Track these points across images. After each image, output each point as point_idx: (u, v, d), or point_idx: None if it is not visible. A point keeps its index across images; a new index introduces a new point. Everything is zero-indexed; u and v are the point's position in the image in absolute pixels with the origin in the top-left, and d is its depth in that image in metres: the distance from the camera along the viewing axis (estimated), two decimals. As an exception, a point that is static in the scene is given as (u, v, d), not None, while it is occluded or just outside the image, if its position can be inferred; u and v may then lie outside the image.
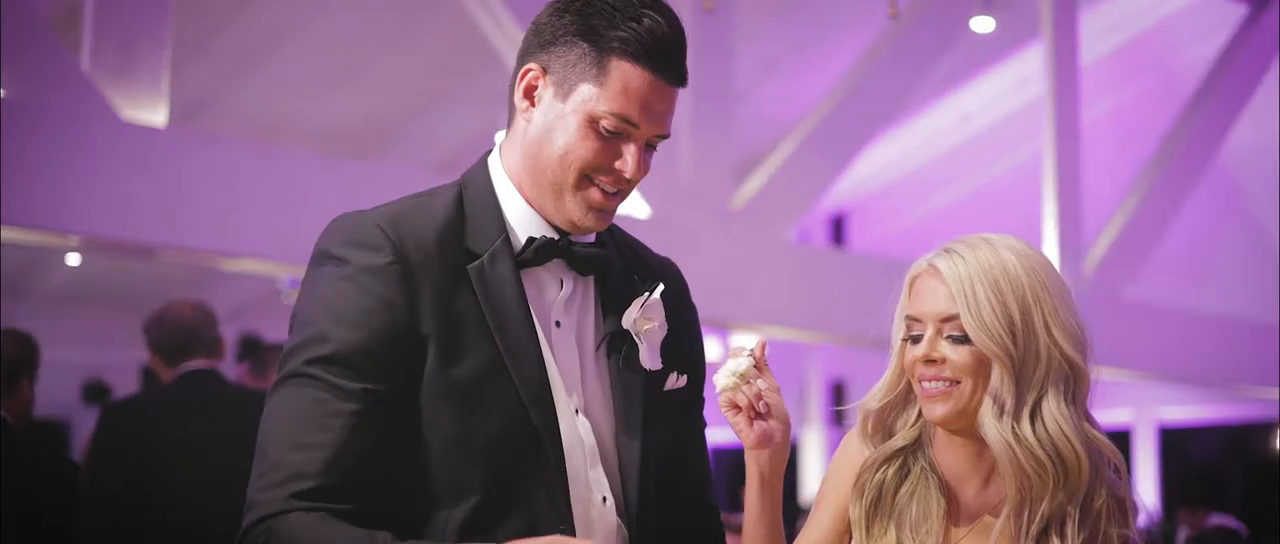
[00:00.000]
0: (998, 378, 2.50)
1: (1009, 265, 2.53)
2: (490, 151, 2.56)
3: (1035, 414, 2.49)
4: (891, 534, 2.61)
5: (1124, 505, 2.55)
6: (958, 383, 2.53)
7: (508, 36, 8.55)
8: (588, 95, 2.39)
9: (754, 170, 9.54)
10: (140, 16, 7.55)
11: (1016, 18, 12.14)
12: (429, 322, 2.35)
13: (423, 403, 2.35)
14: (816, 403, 16.03)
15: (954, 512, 2.61)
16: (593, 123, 2.40)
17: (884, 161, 15.56)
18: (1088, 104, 11.84)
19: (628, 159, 2.42)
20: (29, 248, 10.48)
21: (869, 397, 2.71)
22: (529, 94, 2.45)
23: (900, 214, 16.34)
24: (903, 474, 2.64)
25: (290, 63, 11.82)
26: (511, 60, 8.52)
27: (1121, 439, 15.04)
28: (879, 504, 2.63)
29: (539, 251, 2.45)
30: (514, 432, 2.36)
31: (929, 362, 2.54)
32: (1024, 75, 14.03)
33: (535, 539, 2.20)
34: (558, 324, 2.49)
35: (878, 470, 2.65)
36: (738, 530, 4.96)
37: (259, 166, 7.69)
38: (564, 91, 2.41)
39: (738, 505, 13.63)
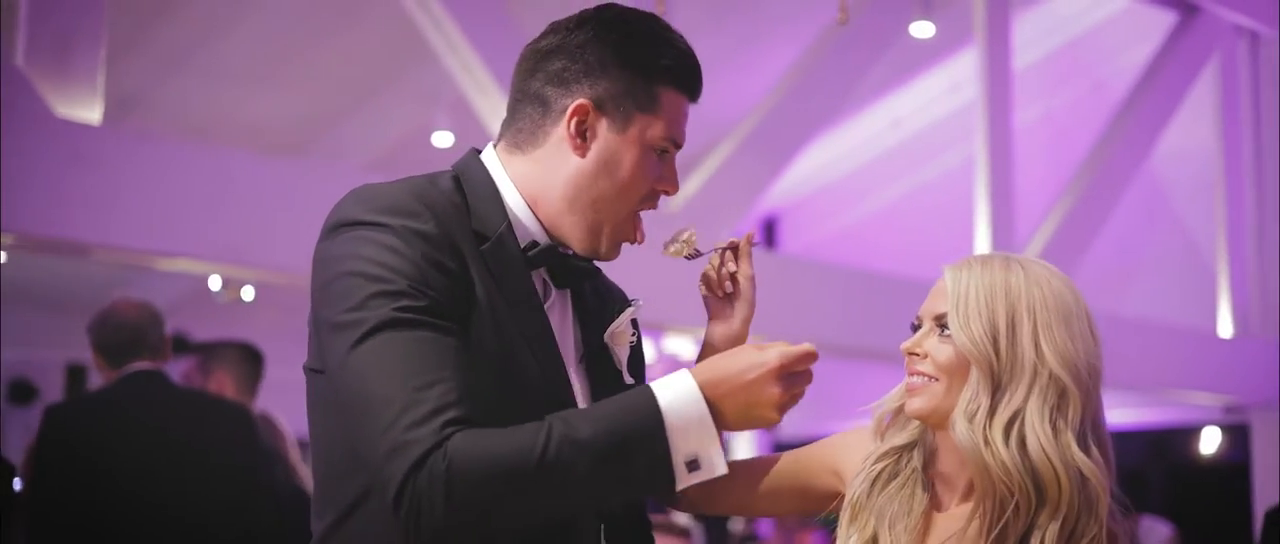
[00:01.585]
0: (974, 380, 2.52)
1: (1013, 278, 2.56)
2: (479, 151, 2.57)
3: (1012, 426, 2.50)
4: (871, 526, 2.65)
5: (1114, 538, 2.56)
6: (936, 380, 2.57)
7: (445, 36, 8.52)
8: (645, 125, 2.47)
9: (691, 172, 9.55)
10: (75, 12, 7.47)
11: (949, 23, 12.20)
12: (475, 287, 2.35)
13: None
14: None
15: (935, 515, 2.64)
16: (650, 150, 2.48)
17: (817, 165, 15.60)
18: (1019, 109, 11.90)
19: (670, 176, 2.54)
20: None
21: (885, 398, 2.76)
22: (581, 129, 2.46)
23: (833, 217, 16.40)
24: (895, 472, 2.68)
25: (222, 60, 11.74)
26: (449, 59, 8.59)
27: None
28: (869, 495, 2.67)
29: (537, 255, 2.47)
30: (534, 408, 2.31)
31: (912, 354, 2.60)
32: (956, 80, 14.11)
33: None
34: None
35: (876, 462, 2.69)
36: (666, 530, 4.99)
37: (192, 165, 7.63)
38: (620, 124, 2.46)
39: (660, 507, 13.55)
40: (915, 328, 2.64)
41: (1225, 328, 12.96)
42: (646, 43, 2.48)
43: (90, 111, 7.38)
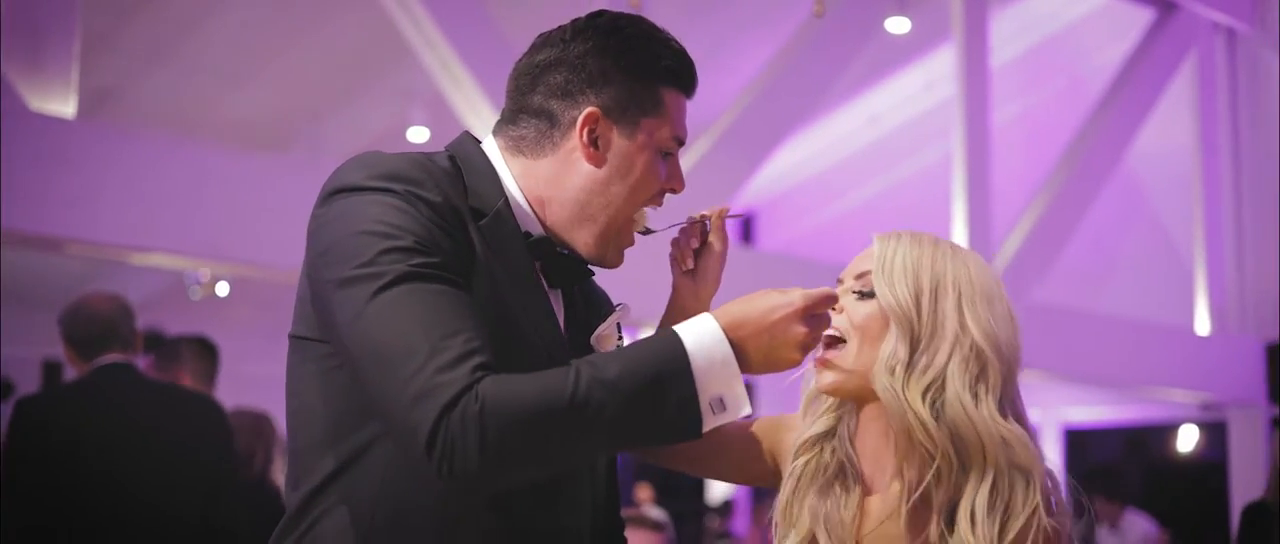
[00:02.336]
0: (893, 336, 2.53)
1: (941, 254, 2.58)
2: (470, 136, 2.55)
3: (932, 389, 2.51)
4: (806, 525, 2.63)
5: (1058, 502, 2.54)
6: (843, 343, 2.57)
7: (423, 33, 8.51)
8: (653, 128, 2.47)
9: (668, 168, 9.53)
10: (49, 7, 7.45)
11: (927, 19, 12.21)
12: (477, 259, 2.35)
13: None
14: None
15: (868, 501, 2.62)
16: (659, 152, 2.48)
17: (794, 161, 15.61)
18: (997, 106, 11.91)
19: (676, 174, 2.54)
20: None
21: (804, 378, 2.73)
22: (593, 139, 2.46)
23: (810, 214, 16.40)
24: (821, 467, 2.66)
25: (200, 55, 11.72)
26: (427, 57, 8.56)
27: (1026, 440, 15.16)
28: (797, 495, 2.66)
29: (533, 244, 2.47)
30: None
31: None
32: (933, 77, 14.12)
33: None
34: None
35: (798, 459, 2.69)
36: (640, 524, 4.96)
37: (168, 160, 7.61)
38: (629, 129, 2.46)
39: (628, 501, 13.51)
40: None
41: (1202, 325, 12.99)
42: (645, 46, 2.50)
43: (64, 106, 7.35)
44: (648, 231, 2.60)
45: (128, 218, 7.37)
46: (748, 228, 16.98)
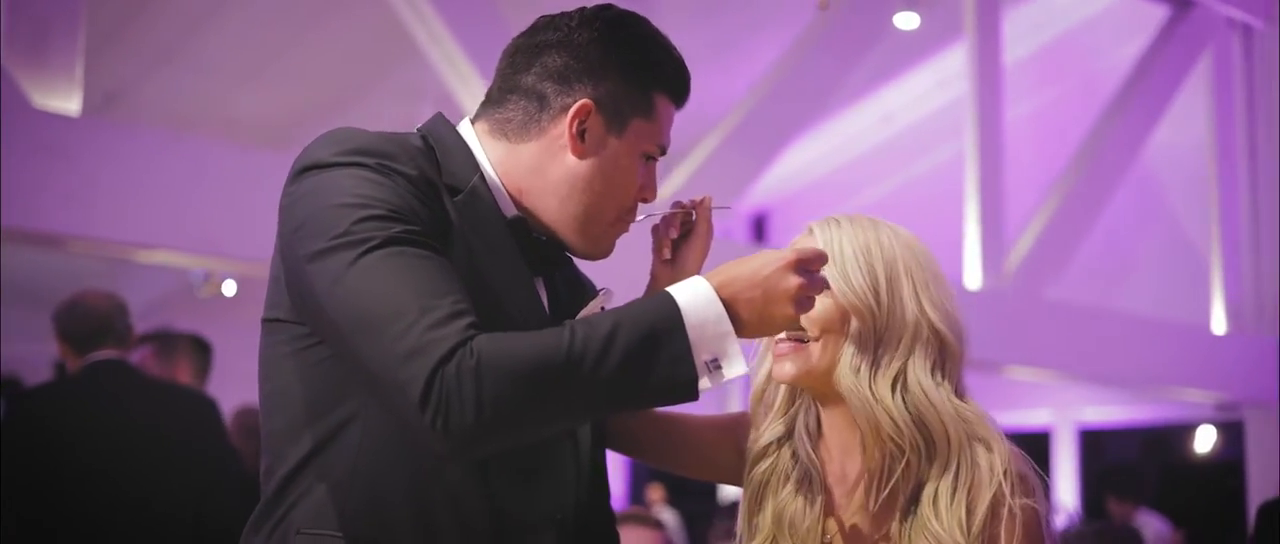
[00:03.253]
0: (856, 333, 2.49)
1: (883, 236, 2.56)
2: (443, 117, 2.52)
3: (898, 380, 2.48)
4: (767, 530, 2.59)
5: (1025, 477, 2.50)
6: (812, 340, 2.52)
7: (430, 31, 8.47)
8: (642, 131, 2.46)
9: (676, 167, 9.49)
10: (53, 2, 7.42)
11: (939, 17, 12.15)
12: (454, 232, 2.32)
13: None
14: (739, 401, 15.99)
15: (833, 501, 2.57)
16: (641, 156, 2.48)
17: (806, 160, 15.57)
18: (1010, 104, 11.85)
19: (651, 182, 2.54)
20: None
21: (750, 376, 2.70)
22: (581, 130, 2.44)
23: (822, 212, 16.22)
24: (783, 472, 2.62)
25: (209, 54, 11.72)
26: (434, 55, 8.51)
27: (1041, 441, 15.11)
28: (759, 502, 2.63)
29: (510, 226, 2.43)
30: None
31: None
32: (946, 75, 14.06)
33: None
34: None
35: (754, 466, 2.65)
36: (641, 522, 4.92)
37: (173, 156, 7.57)
38: (618, 128, 2.45)
39: (640, 502, 13.48)
40: None
41: (1219, 324, 12.90)
42: (648, 48, 2.49)
43: (69, 102, 7.31)
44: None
45: (131, 214, 7.34)
46: (760, 227, 16.94)
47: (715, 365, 2.19)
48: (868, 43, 10.49)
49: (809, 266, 2.27)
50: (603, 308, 2.54)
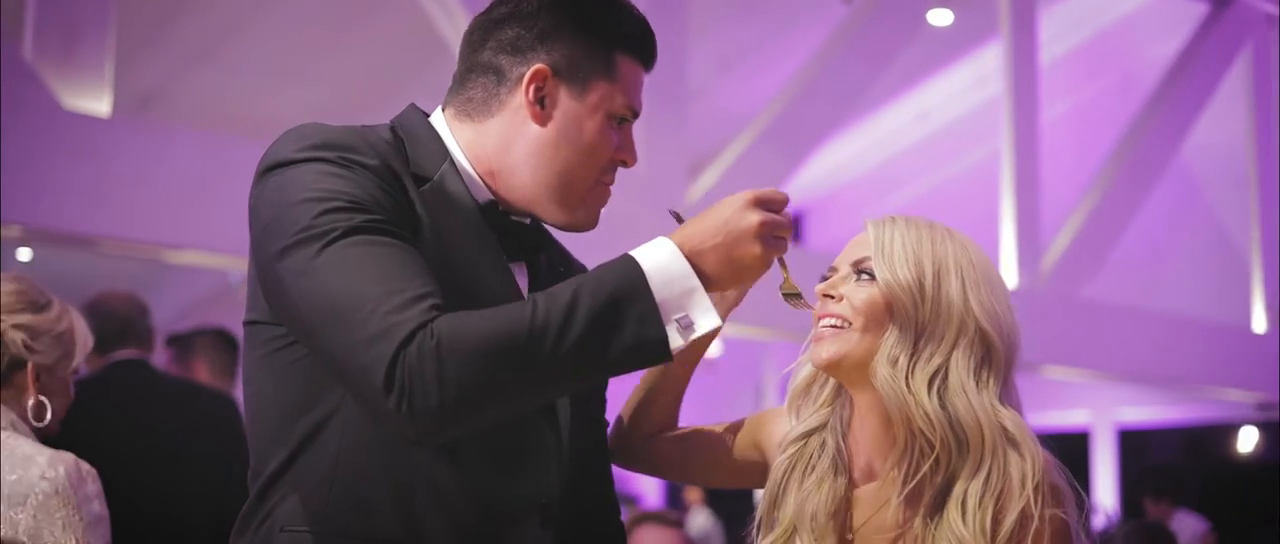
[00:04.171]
0: (897, 324, 2.45)
1: (937, 234, 2.50)
2: (415, 107, 2.50)
3: (936, 376, 2.43)
4: (788, 518, 2.55)
5: (1057, 489, 2.44)
6: (849, 325, 2.47)
7: (459, 31, 8.47)
8: (605, 92, 2.39)
9: (708, 167, 9.47)
10: (83, 4, 7.44)
11: (975, 14, 12.10)
12: (421, 223, 2.29)
13: None
14: (773, 400, 15.95)
15: (857, 494, 2.53)
16: (610, 118, 2.41)
17: (842, 160, 15.53)
18: (1047, 103, 11.80)
19: (629, 146, 2.45)
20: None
21: (798, 362, 2.66)
22: (540, 97, 2.39)
23: (859, 212, 16.22)
24: (809, 463, 2.57)
25: (243, 55, 11.75)
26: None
27: (1080, 441, 15.04)
28: (784, 490, 2.58)
29: (482, 211, 2.40)
30: None
31: (826, 296, 2.49)
32: (983, 73, 13.99)
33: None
34: None
35: (785, 452, 2.60)
36: (659, 521, 4.89)
37: (202, 157, 7.59)
38: (578, 90, 2.39)
39: (678, 503, 13.46)
40: (824, 280, 2.55)
41: (1259, 323, 12.82)
42: (603, 9, 2.43)
43: (99, 103, 7.33)
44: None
45: (160, 214, 7.37)
46: (797, 227, 16.90)
47: (687, 323, 2.15)
48: (900, 41, 10.46)
49: (771, 204, 2.22)
50: None
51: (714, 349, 2.82)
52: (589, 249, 2.65)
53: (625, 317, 2.11)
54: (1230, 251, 13.77)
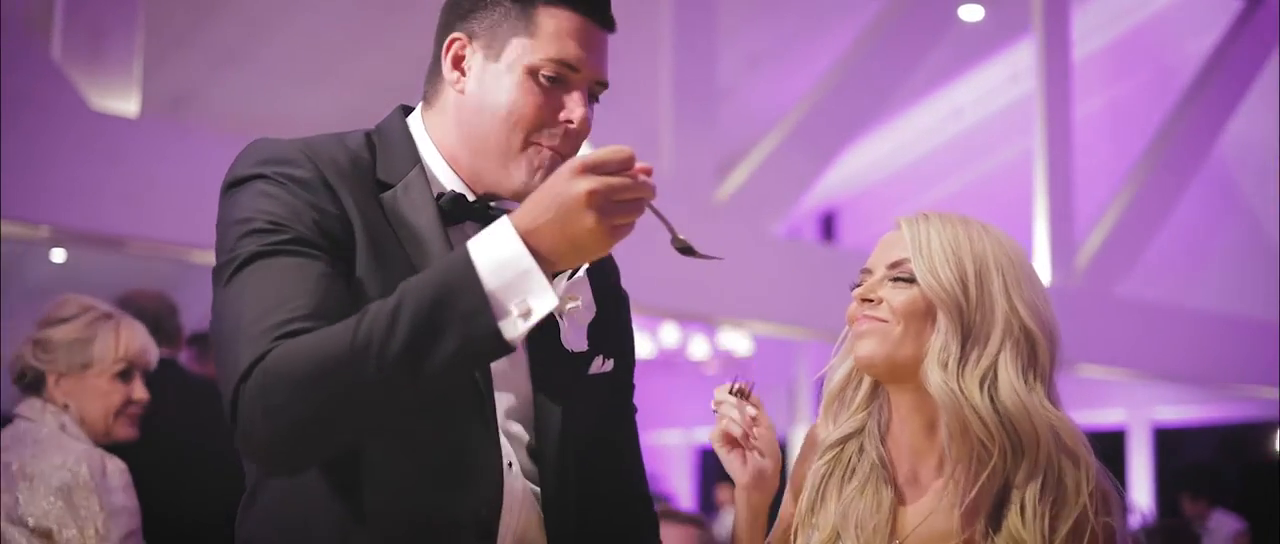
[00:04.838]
0: (943, 327, 2.39)
1: (974, 231, 2.45)
2: (401, 107, 2.49)
3: (986, 378, 2.38)
4: (829, 526, 2.48)
5: (1107, 496, 2.40)
6: (888, 323, 2.42)
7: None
8: (521, 48, 2.31)
9: (737, 165, 9.44)
10: (111, 5, 7.45)
11: (1008, 10, 12.04)
12: (357, 231, 2.26)
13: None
14: (806, 400, 15.91)
15: (903, 502, 2.48)
16: (531, 74, 2.31)
17: (874, 158, 15.48)
18: (1081, 99, 11.73)
19: (572, 107, 2.32)
20: (12, 242, 10.45)
21: (832, 363, 2.61)
22: (458, 64, 2.36)
23: (892, 210, 16.06)
24: (848, 469, 2.52)
25: (274, 58, 11.77)
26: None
27: (1115, 440, 14.96)
28: (822, 499, 2.52)
29: (454, 204, 2.34)
30: None
31: (865, 301, 2.44)
32: (1017, 69, 13.93)
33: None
34: None
35: (822, 460, 2.54)
36: (676, 519, 4.84)
37: (229, 157, 7.54)
38: (495, 52, 2.33)
39: (710, 505, 13.41)
40: (856, 287, 2.49)
41: (1296, 320, 12.73)
42: None
43: (127, 104, 7.33)
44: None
45: (187, 215, 7.36)
46: (829, 225, 16.86)
47: (525, 308, 2.04)
48: (932, 38, 10.42)
49: (603, 167, 2.05)
50: (600, 294, 2.46)
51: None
52: (615, 248, 2.58)
53: (450, 316, 2.02)
54: (1267, 248, 13.68)
